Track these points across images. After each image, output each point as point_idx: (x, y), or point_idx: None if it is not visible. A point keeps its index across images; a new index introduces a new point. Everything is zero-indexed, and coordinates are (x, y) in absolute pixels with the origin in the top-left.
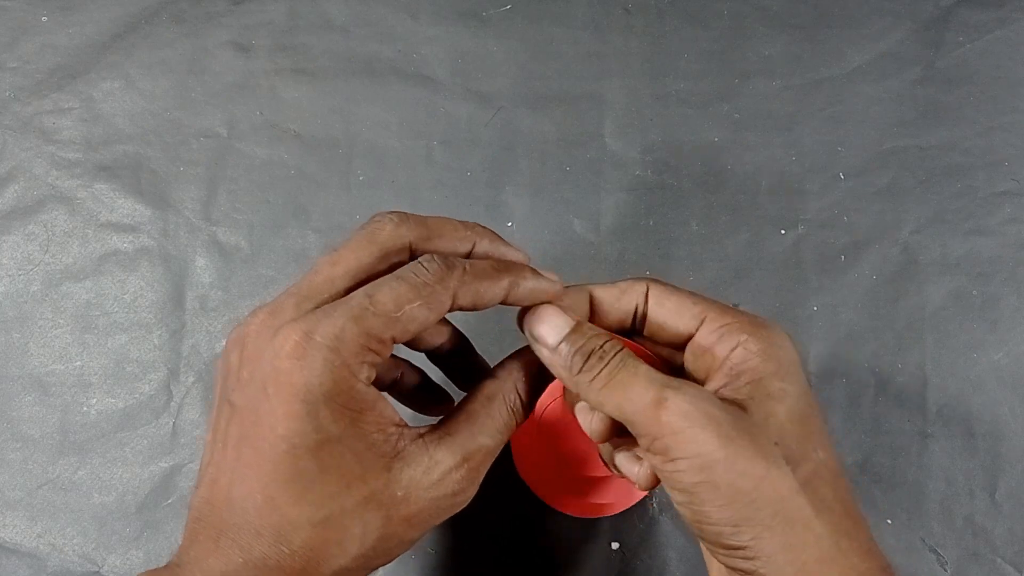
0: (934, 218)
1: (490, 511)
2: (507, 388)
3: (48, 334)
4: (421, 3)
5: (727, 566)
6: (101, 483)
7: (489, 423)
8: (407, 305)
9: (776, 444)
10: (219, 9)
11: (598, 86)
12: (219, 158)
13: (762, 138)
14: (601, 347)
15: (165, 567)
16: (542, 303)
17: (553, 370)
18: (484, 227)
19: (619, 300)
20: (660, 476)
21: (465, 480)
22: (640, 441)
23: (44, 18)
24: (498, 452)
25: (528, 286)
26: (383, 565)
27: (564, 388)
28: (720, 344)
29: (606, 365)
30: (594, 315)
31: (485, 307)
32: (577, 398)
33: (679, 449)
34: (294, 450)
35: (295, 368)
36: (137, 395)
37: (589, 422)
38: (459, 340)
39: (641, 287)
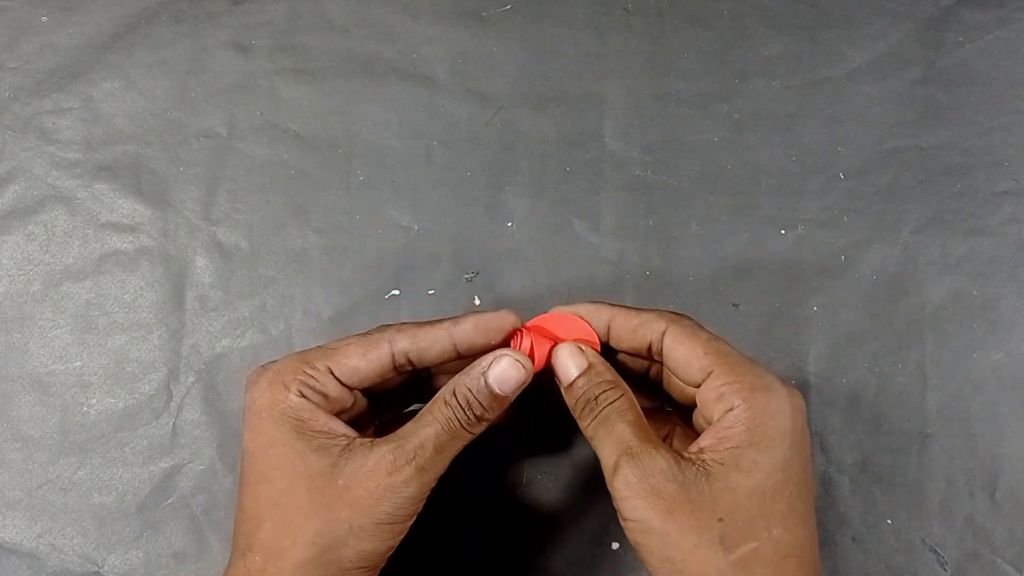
0: (934, 218)
1: (489, 512)
2: (447, 387)
3: (48, 334)
4: (421, 3)
5: None
6: (101, 483)
7: (427, 416)
8: (343, 344)
9: (720, 520)
10: (219, 9)
11: (598, 86)
12: (219, 158)
13: (762, 138)
14: (596, 398)
15: None
16: (563, 341)
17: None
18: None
19: (635, 332)
20: None
21: (399, 461)
22: None
23: (44, 18)
24: (448, 443)
25: (469, 321)
26: (350, 559)
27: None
28: (717, 404)
29: (594, 418)
30: (610, 337)
31: (431, 359)
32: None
33: (626, 512)
34: (250, 456)
35: (250, 393)
36: (137, 395)
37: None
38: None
39: (660, 325)
